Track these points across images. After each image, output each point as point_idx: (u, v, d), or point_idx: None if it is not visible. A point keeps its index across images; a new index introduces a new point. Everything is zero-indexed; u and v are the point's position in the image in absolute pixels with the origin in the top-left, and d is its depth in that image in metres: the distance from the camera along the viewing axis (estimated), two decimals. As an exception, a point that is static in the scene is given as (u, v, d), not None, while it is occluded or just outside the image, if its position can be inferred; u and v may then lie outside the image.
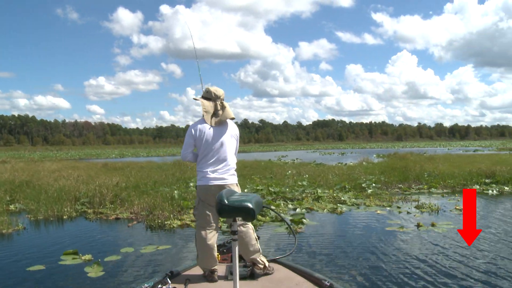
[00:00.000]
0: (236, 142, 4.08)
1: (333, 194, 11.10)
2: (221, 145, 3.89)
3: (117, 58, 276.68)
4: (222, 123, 3.95)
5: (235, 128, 4.07)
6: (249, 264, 3.93)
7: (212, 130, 3.89)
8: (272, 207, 8.79)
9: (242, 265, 3.97)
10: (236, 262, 2.92)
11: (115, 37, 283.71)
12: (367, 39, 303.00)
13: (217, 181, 3.83)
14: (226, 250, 4.52)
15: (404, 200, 10.39)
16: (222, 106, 3.96)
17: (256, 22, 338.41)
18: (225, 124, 3.97)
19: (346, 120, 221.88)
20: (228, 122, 4.00)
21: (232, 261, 3.08)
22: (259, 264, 3.88)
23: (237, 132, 4.08)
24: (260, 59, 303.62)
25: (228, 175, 3.90)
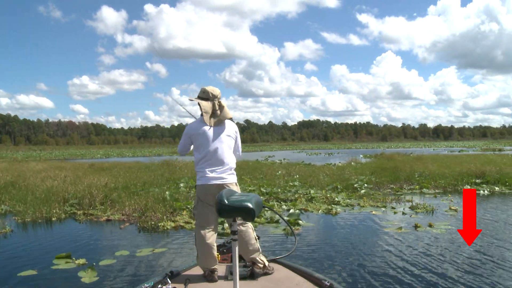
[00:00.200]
0: (236, 140, 4.03)
1: (326, 195, 11.04)
2: (220, 144, 3.86)
3: (101, 58, 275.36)
4: (221, 123, 3.91)
5: (233, 126, 4.04)
6: (249, 264, 3.90)
7: (211, 130, 3.86)
8: (273, 208, 8.65)
9: (242, 265, 3.94)
10: (236, 262, 2.90)
11: (99, 36, 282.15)
12: (352, 40, 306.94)
13: (216, 180, 3.79)
14: (226, 250, 4.46)
15: (397, 200, 10.38)
16: (220, 105, 3.93)
17: (241, 22, 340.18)
18: (223, 123, 3.94)
19: (331, 120, 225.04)
20: (226, 121, 3.96)
21: (232, 261, 3.06)
22: (259, 263, 3.85)
23: (236, 130, 4.05)
24: (245, 59, 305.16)
25: (227, 174, 3.85)
